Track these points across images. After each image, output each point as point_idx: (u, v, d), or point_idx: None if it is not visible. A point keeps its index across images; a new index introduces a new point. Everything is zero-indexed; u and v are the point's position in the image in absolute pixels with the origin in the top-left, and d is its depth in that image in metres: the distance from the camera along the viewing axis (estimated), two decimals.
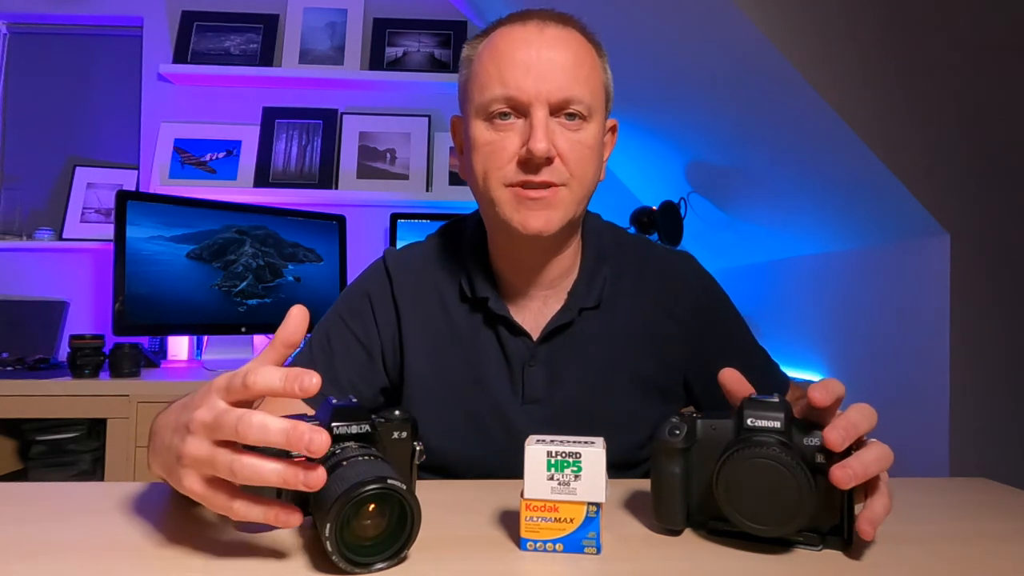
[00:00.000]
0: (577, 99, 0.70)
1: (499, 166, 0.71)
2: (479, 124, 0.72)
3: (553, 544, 0.50)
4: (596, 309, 0.80)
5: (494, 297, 0.79)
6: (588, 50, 0.73)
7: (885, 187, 1.32)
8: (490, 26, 0.76)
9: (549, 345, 0.79)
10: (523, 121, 0.70)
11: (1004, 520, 0.61)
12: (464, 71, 0.76)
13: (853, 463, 0.48)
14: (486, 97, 0.71)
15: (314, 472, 0.44)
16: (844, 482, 0.47)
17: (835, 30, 1.26)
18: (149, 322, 1.80)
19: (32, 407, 1.60)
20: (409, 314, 0.82)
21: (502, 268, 0.81)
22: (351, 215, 2.30)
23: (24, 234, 2.26)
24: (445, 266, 0.84)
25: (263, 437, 0.43)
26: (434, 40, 2.39)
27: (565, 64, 0.70)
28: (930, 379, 1.32)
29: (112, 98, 2.38)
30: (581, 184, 0.73)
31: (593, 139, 0.73)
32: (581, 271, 0.81)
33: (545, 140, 0.68)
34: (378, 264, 0.87)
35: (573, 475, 0.50)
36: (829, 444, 0.48)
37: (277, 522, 0.46)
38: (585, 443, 0.50)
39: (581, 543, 0.50)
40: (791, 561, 0.49)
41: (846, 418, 0.50)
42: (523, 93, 0.69)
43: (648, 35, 1.56)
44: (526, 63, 0.69)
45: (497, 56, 0.71)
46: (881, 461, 0.49)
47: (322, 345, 0.83)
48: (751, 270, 2.07)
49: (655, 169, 2.16)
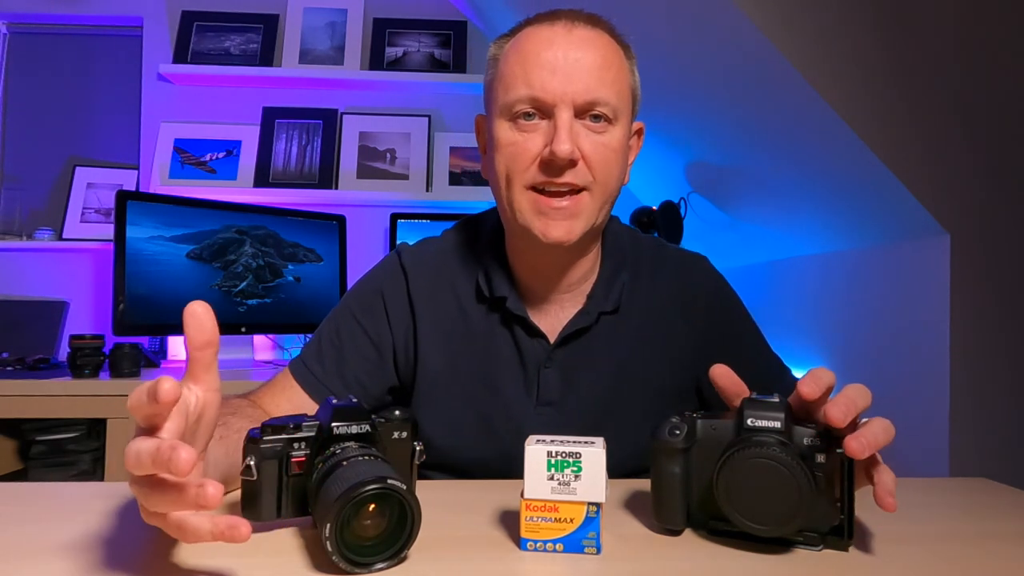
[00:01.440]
0: (603, 101, 0.69)
1: (522, 168, 0.70)
2: (503, 124, 0.72)
3: (553, 544, 0.50)
4: (614, 313, 0.80)
5: (512, 297, 0.79)
6: (616, 52, 0.72)
7: (885, 187, 1.32)
8: (517, 25, 0.75)
9: (566, 348, 0.79)
10: (547, 122, 0.70)
11: (1004, 520, 0.61)
12: (490, 71, 0.76)
13: (865, 433, 0.48)
14: (511, 97, 0.70)
15: (177, 453, 0.37)
16: (859, 452, 0.47)
17: (835, 30, 1.26)
18: (149, 322, 1.80)
19: (32, 407, 1.60)
20: (424, 312, 0.81)
21: (520, 270, 0.80)
22: (351, 215, 2.30)
23: (24, 234, 2.26)
24: (462, 264, 0.83)
25: (138, 466, 0.39)
26: (434, 40, 2.39)
27: (592, 65, 0.69)
28: (930, 379, 1.32)
29: (112, 98, 2.38)
30: (604, 188, 0.72)
31: (618, 142, 0.72)
32: (600, 275, 0.81)
33: (569, 141, 0.67)
34: (393, 260, 0.86)
35: (573, 475, 0.50)
36: (831, 420, 0.48)
37: (222, 537, 0.41)
38: (585, 443, 0.50)
39: (581, 543, 0.50)
40: (791, 561, 0.49)
41: (844, 395, 0.50)
42: (548, 94, 0.68)
43: (648, 35, 1.55)
44: (552, 64, 0.68)
45: (523, 56, 0.70)
46: (887, 432, 0.50)
47: (332, 339, 0.82)
48: (751, 270, 2.07)
49: (655, 169, 2.16)
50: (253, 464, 0.51)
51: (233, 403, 0.70)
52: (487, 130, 0.77)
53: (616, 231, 0.85)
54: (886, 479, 0.50)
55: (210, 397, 0.46)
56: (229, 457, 0.59)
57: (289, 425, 0.52)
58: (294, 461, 0.52)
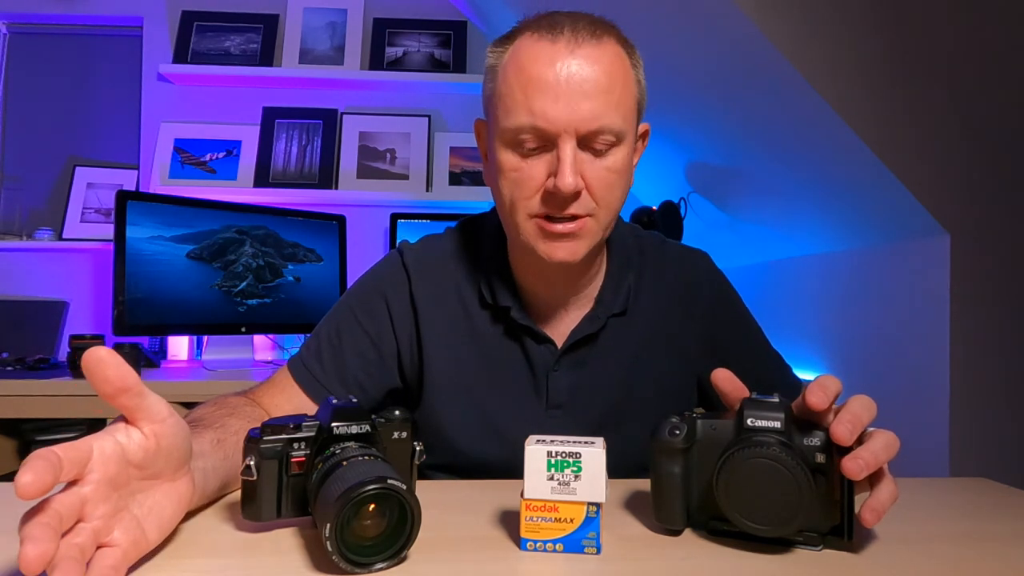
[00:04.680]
0: (608, 128, 0.66)
1: (526, 196, 0.69)
2: (505, 149, 0.69)
3: (553, 544, 0.50)
4: (622, 315, 0.80)
5: (516, 307, 0.78)
6: (622, 64, 0.68)
7: (885, 187, 1.32)
8: (515, 29, 0.71)
9: (574, 352, 0.78)
10: (550, 154, 0.67)
11: (1004, 520, 0.61)
12: (488, 83, 0.72)
13: (863, 453, 0.48)
14: (511, 123, 0.67)
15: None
16: (856, 473, 0.47)
17: (835, 30, 1.26)
18: (149, 322, 1.80)
19: (32, 407, 1.60)
20: (428, 314, 0.81)
21: (525, 279, 0.79)
22: (351, 215, 2.30)
23: (24, 234, 2.26)
24: (465, 269, 0.82)
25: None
26: (434, 40, 2.39)
27: (597, 89, 0.65)
28: (930, 379, 1.32)
29: (112, 98, 2.38)
30: (608, 211, 0.70)
31: (622, 162, 0.69)
32: (607, 277, 0.80)
33: (572, 175, 0.65)
34: (395, 259, 0.84)
35: (573, 475, 0.49)
36: (837, 439, 0.48)
37: None
38: (585, 443, 0.50)
39: (581, 543, 0.50)
40: (791, 561, 0.49)
41: (849, 411, 0.50)
42: (551, 124, 0.65)
43: (648, 35, 1.55)
44: (555, 90, 0.64)
45: (523, 77, 0.66)
46: (889, 449, 0.50)
47: (331, 339, 0.81)
48: (751, 270, 2.07)
49: (655, 169, 2.16)
50: (253, 464, 0.51)
51: (231, 402, 0.70)
52: (487, 140, 0.75)
53: (621, 233, 0.84)
54: (883, 496, 0.50)
55: (158, 428, 0.44)
56: (228, 460, 0.59)
57: (289, 425, 0.52)
58: (294, 461, 0.52)
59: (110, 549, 0.42)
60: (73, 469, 0.40)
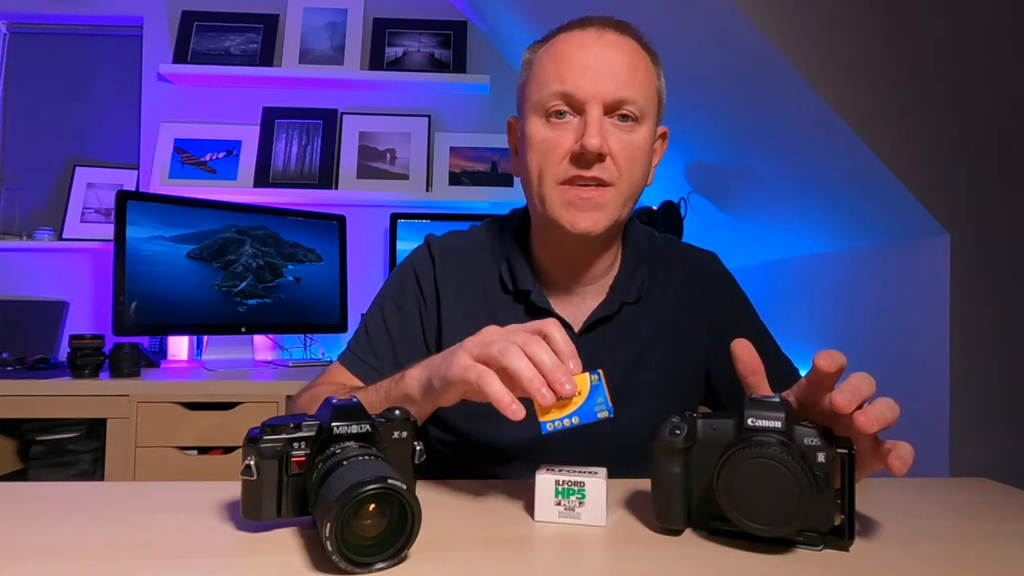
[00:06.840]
0: (631, 100, 0.73)
1: (554, 163, 0.74)
2: (536, 121, 0.76)
3: (569, 419, 0.54)
4: (635, 304, 0.84)
5: (536, 290, 0.82)
6: (643, 57, 0.77)
7: (885, 187, 1.32)
8: (551, 32, 0.80)
9: (589, 336, 0.82)
10: (578, 119, 0.74)
11: (1004, 520, 0.61)
12: (523, 73, 0.81)
13: (871, 410, 0.50)
14: (544, 93, 0.74)
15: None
16: (868, 426, 0.49)
17: (835, 30, 1.26)
18: (149, 322, 1.80)
19: (32, 407, 1.60)
20: (449, 299, 0.85)
21: (545, 263, 0.84)
22: (351, 215, 2.30)
23: (24, 234, 2.26)
24: (488, 257, 0.87)
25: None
26: (434, 40, 2.39)
27: (621, 67, 0.73)
28: (930, 379, 1.32)
29: (112, 98, 2.38)
30: (629, 184, 0.76)
31: (644, 141, 0.76)
32: (622, 268, 0.85)
33: (598, 136, 0.71)
34: (422, 249, 0.90)
35: (578, 501, 0.55)
36: (837, 406, 0.50)
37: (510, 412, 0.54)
38: (589, 473, 0.56)
39: (594, 410, 0.54)
40: (791, 561, 0.49)
41: (849, 383, 0.52)
42: (580, 91, 0.72)
43: (648, 35, 1.55)
44: (584, 64, 0.73)
45: (556, 57, 0.75)
46: (893, 409, 0.51)
47: (378, 328, 0.86)
48: (751, 270, 2.07)
49: (655, 169, 2.16)
50: (253, 464, 0.51)
51: (328, 389, 0.77)
52: (519, 129, 0.81)
53: (636, 231, 0.89)
54: (903, 449, 0.52)
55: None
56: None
57: (289, 424, 0.53)
58: (294, 461, 0.52)
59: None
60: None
